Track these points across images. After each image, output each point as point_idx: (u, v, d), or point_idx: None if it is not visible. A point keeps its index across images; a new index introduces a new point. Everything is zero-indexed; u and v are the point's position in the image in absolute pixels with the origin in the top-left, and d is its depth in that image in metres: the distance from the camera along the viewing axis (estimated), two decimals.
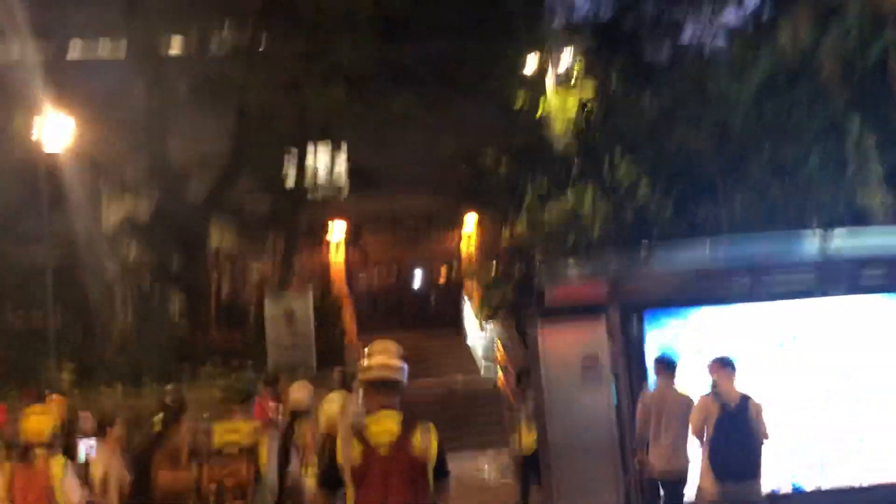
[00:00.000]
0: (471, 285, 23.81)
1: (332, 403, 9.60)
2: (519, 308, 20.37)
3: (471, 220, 25.85)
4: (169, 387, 11.08)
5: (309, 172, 21.65)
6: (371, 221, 25.12)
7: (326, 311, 18.06)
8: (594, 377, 9.10)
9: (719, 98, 16.20)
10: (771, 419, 7.61)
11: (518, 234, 21.40)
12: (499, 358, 19.72)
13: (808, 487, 9.15)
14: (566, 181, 19.08)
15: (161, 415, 7.89)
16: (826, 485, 9.15)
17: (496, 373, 19.61)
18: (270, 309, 14.98)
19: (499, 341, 19.86)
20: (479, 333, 22.45)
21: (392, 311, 27.91)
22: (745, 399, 7.55)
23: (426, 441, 4.43)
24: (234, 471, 5.82)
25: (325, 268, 24.95)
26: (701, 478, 7.66)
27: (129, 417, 7.84)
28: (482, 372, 21.19)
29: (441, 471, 4.48)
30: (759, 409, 7.53)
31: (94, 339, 17.49)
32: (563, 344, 9.25)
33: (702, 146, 16.46)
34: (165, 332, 17.16)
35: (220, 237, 22.19)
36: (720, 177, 16.29)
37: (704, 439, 7.62)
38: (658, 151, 16.83)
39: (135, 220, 19.47)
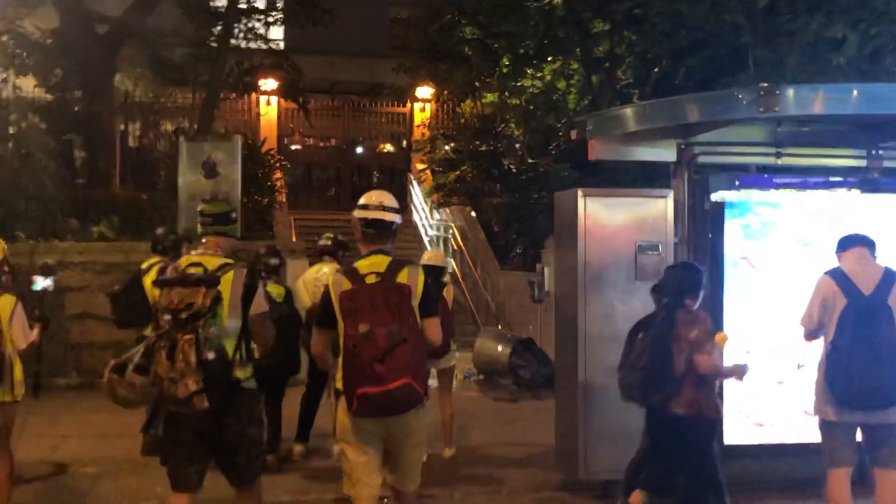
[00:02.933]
0: (420, 165, 20.84)
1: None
2: (480, 192, 17.59)
3: (424, 92, 22.67)
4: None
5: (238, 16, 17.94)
6: (310, 87, 21.71)
7: (253, 175, 14.88)
8: (652, 272, 6.31)
9: None
10: None
11: (486, 108, 18.50)
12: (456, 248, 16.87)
13: None
14: (542, 53, 16.10)
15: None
16: None
17: (450, 266, 16.71)
18: (185, 160, 11.72)
19: (455, 229, 16.98)
20: (428, 219, 19.53)
21: (328, 186, 25.09)
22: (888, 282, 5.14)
23: (413, 277, 4.42)
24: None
25: (254, 126, 21.61)
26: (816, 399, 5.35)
27: None
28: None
29: (427, 309, 4.42)
30: None
31: None
32: (613, 227, 6.40)
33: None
34: (53, 182, 13.77)
35: (131, 80, 18.82)
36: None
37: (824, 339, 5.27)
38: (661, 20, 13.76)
39: (27, 37, 15.76)
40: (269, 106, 22.45)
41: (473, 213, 17.19)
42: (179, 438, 4.45)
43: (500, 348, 11.44)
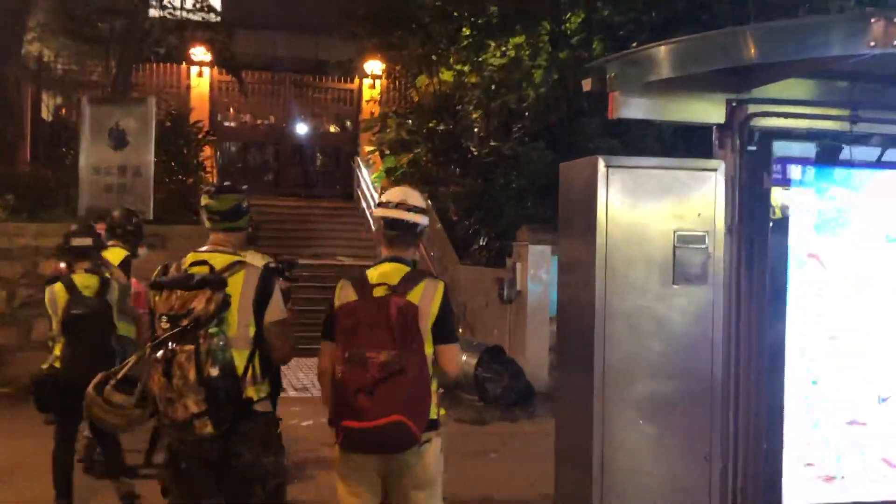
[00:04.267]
0: (369, 147, 18.96)
1: None
2: (436, 177, 15.79)
3: (375, 67, 20.79)
4: None
5: None
6: (249, 63, 19.78)
7: (176, 150, 12.90)
8: (694, 273, 4.61)
9: None
10: None
11: (442, 84, 16.69)
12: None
13: None
14: (507, 24, 14.40)
15: None
16: None
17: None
18: (89, 127, 9.74)
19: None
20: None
21: (265, 170, 23.22)
22: None
23: (428, 294, 3.80)
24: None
25: (184, 100, 19.46)
26: None
27: None
28: None
29: (443, 334, 3.83)
30: None
31: None
32: (644, 211, 4.65)
33: None
34: None
35: (51, 50, 16.69)
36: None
37: None
38: None
39: None
40: (200, 78, 20.37)
41: (429, 201, 15.36)
42: (181, 469, 3.89)
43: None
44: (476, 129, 15.82)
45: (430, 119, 16.24)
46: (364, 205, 18.61)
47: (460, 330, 12.57)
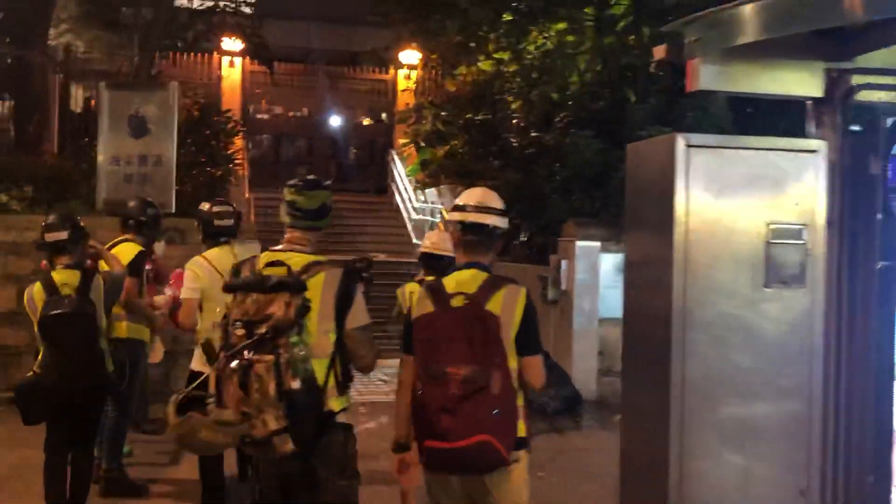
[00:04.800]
0: (404, 140, 18.30)
1: None
2: (473, 171, 15.09)
3: (410, 58, 20.13)
4: None
5: None
6: (282, 56, 19.25)
7: (205, 140, 12.33)
8: (791, 274, 3.90)
9: None
10: None
11: (480, 74, 15.95)
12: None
13: None
14: (549, 8, 13.65)
15: None
16: None
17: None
18: (108, 114, 9.17)
19: (444, 213, 14.48)
20: (413, 202, 17.05)
21: (299, 162, 22.70)
22: None
23: (510, 302, 3.53)
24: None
25: (215, 91, 18.92)
26: None
27: None
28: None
29: (527, 345, 3.57)
30: None
31: None
32: (732, 199, 3.92)
33: None
34: None
35: (82, 42, 16.22)
36: None
37: None
38: None
39: None
40: (232, 68, 19.83)
41: None
42: (259, 488, 3.75)
43: None
44: (515, 120, 15.09)
45: (467, 109, 15.51)
46: (398, 199, 17.98)
47: None
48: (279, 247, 3.81)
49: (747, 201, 3.94)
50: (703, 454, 3.89)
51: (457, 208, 3.79)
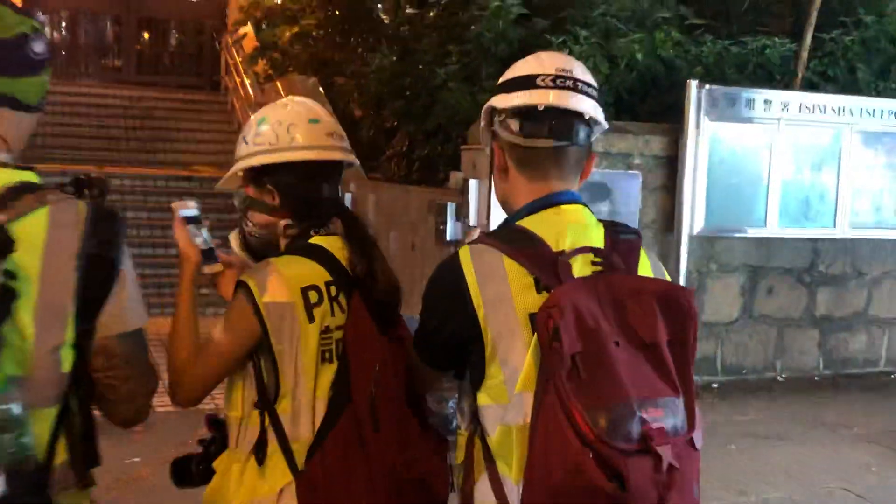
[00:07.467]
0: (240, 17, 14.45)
1: None
2: (330, 59, 11.56)
3: None
4: None
5: None
6: None
7: None
8: None
9: None
10: None
11: None
12: None
13: None
14: None
15: None
16: None
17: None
18: None
19: None
20: (250, 100, 13.44)
21: (103, 50, 18.99)
22: None
23: (658, 266, 1.88)
24: None
25: None
26: None
27: None
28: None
29: None
30: None
31: None
32: None
33: None
34: None
35: None
36: None
37: None
38: None
39: None
40: None
41: (322, 89, 11.01)
42: None
43: None
44: None
45: None
46: (233, 98, 14.33)
47: None
48: None
49: None
50: None
51: (510, 85, 1.83)
